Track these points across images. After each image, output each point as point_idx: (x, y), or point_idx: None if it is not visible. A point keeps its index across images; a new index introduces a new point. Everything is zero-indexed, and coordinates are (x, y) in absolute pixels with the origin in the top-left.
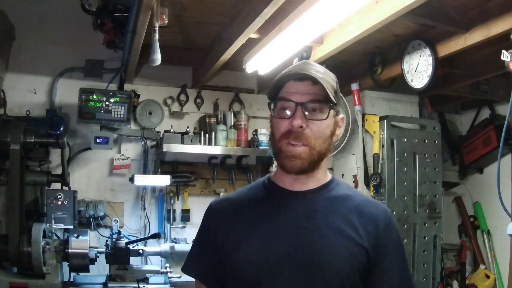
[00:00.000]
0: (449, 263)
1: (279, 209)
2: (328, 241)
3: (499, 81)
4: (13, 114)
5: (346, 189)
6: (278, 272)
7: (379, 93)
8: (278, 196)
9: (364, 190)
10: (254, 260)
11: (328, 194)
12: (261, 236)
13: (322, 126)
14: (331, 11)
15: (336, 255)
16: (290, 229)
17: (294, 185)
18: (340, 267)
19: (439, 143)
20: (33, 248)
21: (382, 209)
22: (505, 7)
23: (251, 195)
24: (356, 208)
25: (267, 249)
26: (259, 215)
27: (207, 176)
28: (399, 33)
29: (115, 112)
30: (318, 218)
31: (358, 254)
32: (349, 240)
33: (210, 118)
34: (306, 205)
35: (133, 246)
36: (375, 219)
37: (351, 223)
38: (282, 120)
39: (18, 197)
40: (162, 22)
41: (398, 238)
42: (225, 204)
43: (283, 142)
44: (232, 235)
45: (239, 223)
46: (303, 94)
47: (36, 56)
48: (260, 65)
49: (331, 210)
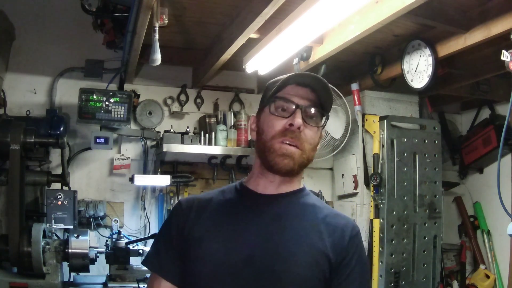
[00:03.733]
0: (449, 263)
1: (246, 210)
2: (291, 245)
3: (499, 81)
4: (13, 114)
5: (316, 201)
6: (237, 273)
7: (379, 93)
8: (247, 199)
9: (364, 190)
10: (214, 258)
11: (298, 200)
12: (224, 235)
13: (315, 133)
14: (331, 11)
15: (297, 260)
16: (254, 230)
17: (267, 188)
18: (300, 272)
19: (439, 143)
20: (33, 248)
21: (350, 223)
22: (505, 7)
23: (221, 196)
24: (323, 218)
25: (229, 248)
26: (225, 215)
27: (207, 176)
28: (399, 33)
29: (115, 112)
30: (284, 221)
31: (320, 261)
32: (312, 247)
33: (210, 118)
34: (274, 208)
35: (133, 246)
36: (341, 230)
37: (316, 230)
38: (279, 118)
39: (18, 197)
40: (162, 22)
41: (363, 253)
42: (193, 202)
43: (277, 140)
44: (196, 231)
45: (205, 221)
46: (303, 99)
47: (36, 56)
48: (260, 65)
49: (298, 216)
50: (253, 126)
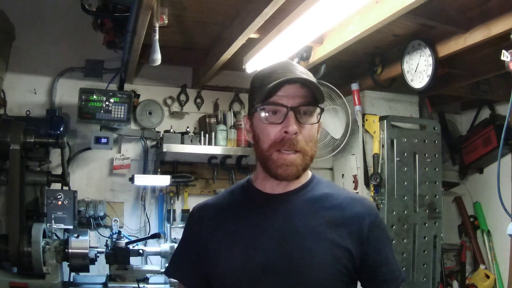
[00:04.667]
0: (449, 263)
1: (258, 214)
2: (308, 245)
3: (499, 81)
4: (13, 114)
5: (327, 187)
6: (259, 280)
7: (379, 93)
8: (257, 201)
9: (364, 190)
10: (235, 267)
11: (307, 194)
12: (241, 243)
13: (312, 130)
14: (331, 11)
15: (317, 259)
16: (269, 234)
17: (275, 188)
18: (321, 271)
19: (439, 143)
20: (33, 248)
21: (366, 207)
22: (505, 7)
23: (231, 200)
24: (337, 207)
25: (247, 256)
26: (238, 221)
27: (207, 176)
28: (399, 33)
29: (115, 112)
30: (298, 221)
31: (340, 256)
32: (330, 243)
33: (210, 118)
34: (285, 209)
35: (133, 246)
36: (358, 217)
37: (332, 224)
38: (272, 126)
39: (18, 197)
40: (162, 22)
41: (386, 232)
42: (205, 211)
43: (273, 150)
44: (213, 243)
45: (219, 230)
46: (293, 97)
47: (36, 56)
48: (260, 65)
49: (310, 212)
50: (247, 126)
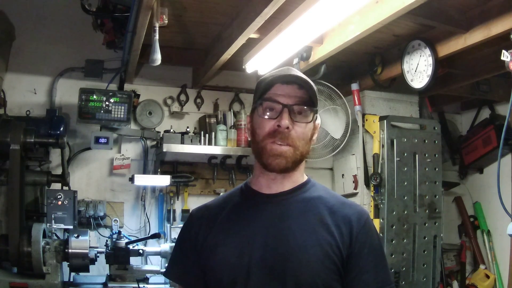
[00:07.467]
0: (449, 263)
1: (254, 212)
2: (300, 242)
3: (499, 81)
4: (13, 114)
5: (322, 191)
6: (252, 275)
7: (379, 93)
8: (253, 200)
9: (364, 190)
10: (230, 263)
11: (302, 195)
12: (237, 240)
13: (306, 128)
14: (331, 11)
15: (308, 255)
16: (264, 232)
17: (270, 186)
18: (312, 268)
19: (439, 143)
20: (33, 248)
21: (357, 211)
22: (505, 7)
23: (229, 201)
24: (329, 209)
25: (242, 252)
26: (235, 219)
27: (207, 176)
28: (399, 33)
29: (115, 112)
30: (291, 219)
31: (331, 254)
32: (322, 240)
33: (210, 118)
34: (280, 207)
35: (133, 246)
36: (349, 220)
37: (324, 223)
38: (268, 120)
39: (18, 197)
40: (162, 22)
41: (375, 239)
42: (204, 211)
43: (268, 141)
44: (210, 239)
45: (217, 228)
46: (290, 97)
47: (36, 56)
48: (260, 65)
49: (304, 211)
50: (248, 126)
